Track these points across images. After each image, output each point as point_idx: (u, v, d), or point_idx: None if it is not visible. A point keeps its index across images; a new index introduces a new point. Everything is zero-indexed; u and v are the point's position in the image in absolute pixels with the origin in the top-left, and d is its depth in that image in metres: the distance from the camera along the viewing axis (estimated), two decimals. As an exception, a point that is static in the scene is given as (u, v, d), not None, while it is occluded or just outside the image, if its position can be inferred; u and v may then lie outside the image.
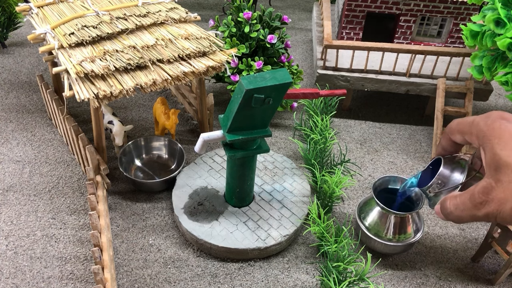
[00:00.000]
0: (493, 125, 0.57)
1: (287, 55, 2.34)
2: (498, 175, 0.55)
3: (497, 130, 0.56)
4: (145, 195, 1.94)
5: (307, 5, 3.73)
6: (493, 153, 0.55)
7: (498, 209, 0.55)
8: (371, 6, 2.44)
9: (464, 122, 0.65)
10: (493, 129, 0.57)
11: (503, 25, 1.72)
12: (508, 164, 0.54)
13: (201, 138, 1.53)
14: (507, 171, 0.54)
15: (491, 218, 0.56)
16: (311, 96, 1.76)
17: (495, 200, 0.55)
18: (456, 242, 1.83)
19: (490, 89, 2.31)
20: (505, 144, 0.54)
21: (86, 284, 1.58)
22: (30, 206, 1.85)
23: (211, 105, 2.19)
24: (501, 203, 0.54)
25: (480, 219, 0.58)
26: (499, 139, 0.55)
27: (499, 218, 0.55)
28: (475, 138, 0.61)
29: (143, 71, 1.71)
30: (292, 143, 2.28)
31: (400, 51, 2.23)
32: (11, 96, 2.46)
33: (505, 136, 0.55)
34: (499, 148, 0.55)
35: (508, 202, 0.53)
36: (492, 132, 0.57)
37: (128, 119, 2.36)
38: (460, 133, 0.66)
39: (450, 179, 0.90)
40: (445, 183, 0.89)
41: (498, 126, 0.56)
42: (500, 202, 0.54)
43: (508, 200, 0.53)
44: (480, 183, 0.58)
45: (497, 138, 0.56)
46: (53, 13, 1.90)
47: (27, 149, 2.12)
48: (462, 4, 2.38)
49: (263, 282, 1.63)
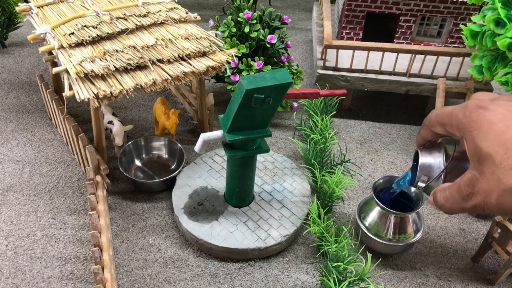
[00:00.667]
0: (471, 116, 0.56)
1: (287, 55, 2.34)
2: (481, 167, 0.54)
3: (475, 121, 0.55)
4: (145, 195, 1.94)
5: (307, 5, 3.73)
6: (474, 145, 0.55)
7: (484, 201, 0.54)
8: (371, 6, 2.44)
9: (443, 114, 0.64)
10: (471, 120, 0.56)
11: (503, 25, 1.72)
12: (489, 155, 0.53)
13: (201, 138, 1.53)
14: (489, 163, 0.53)
15: (479, 210, 0.56)
16: (311, 96, 1.76)
17: (480, 192, 0.54)
18: (456, 242, 1.83)
19: (490, 89, 2.31)
20: (485, 135, 0.53)
21: (86, 284, 1.58)
22: (30, 206, 1.85)
23: (211, 105, 2.19)
24: (486, 195, 0.54)
25: (470, 210, 0.57)
26: (478, 130, 0.55)
27: (486, 209, 0.54)
28: (455, 129, 0.60)
29: (143, 71, 1.71)
30: (292, 143, 2.28)
31: (400, 51, 2.23)
32: (11, 96, 2.46)
33: (484, 126, 0.54)
34: (479, 139, 0.54)
35: (493, 194, 0.53)
36: (471, 123, 0.56)
37: (128, 119, 2.36)
38: (441, 124, 0.65)
39: (433, 168, 0.87)
40: (430, 174, 0.88)
41: (476, 117, 0.55)
42: (485, 194, 0.54)
43: (492, 191, 0.53)
44: (466, 175, 0.58)
45: (476, 129, 0.55)
46: (53, 13, 1.90)
47: (27, 149, 2.12)
48: (462, 4, 2.38)
49: (263, 282, 1.63)
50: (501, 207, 0.52)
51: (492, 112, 0.55)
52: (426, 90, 2.34)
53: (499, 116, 0.53)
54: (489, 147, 0.53)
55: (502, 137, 0.52)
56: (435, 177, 0.86)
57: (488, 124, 0.54)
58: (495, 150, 0.53)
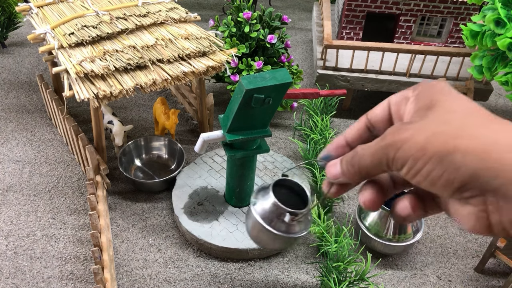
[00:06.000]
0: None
1: (287, 55, 2.34)
2: (426, 112, 0.41)
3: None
4: (145, 195, 1.94)
5: (307, 5, 3.73)
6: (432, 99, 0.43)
7: (407, 138, 0.40)
8: (371, 6, 2.44)
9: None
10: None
11: (503, 25, 1.72)
12: (446, 106, 0.41)
13: (201, 138, 1.53)
14: (440, 111, 0.41)
15: (390, 154, 0.41)
16: (311, 96, 1.76)
17: (409, 129, 0.40)
18: (456, 242, 1.83)
19: (490, 89, 2.31)
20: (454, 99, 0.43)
21: (86, 284, 1.58)
22: (30, 206, 1.85)
23: (211, 105, 2.19)
24: (415, 131, 0.40)
25: (379, 158, 0.42)
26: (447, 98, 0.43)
27: (402, 153, 0.40)
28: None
29: (143, 71, 1.71)
30: (292, 143, 2.28)
31: (400, 51, 2.23)
32: (11, 96, 2.46)
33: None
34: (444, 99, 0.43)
35: (426, 131, 0.39)
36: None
37: (128, 119, 2.36)
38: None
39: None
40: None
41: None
42: (414, 130, 0.40)
43: (426, 129, 0.39)
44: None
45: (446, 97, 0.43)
46: (53, 13, 1.90)
47: (27, 149, 2.12)
48: (462, 4, 2.38)
49: (263, 282, 1.62)
50: (427, 147, 0.38)
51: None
52: (426, 90, 2.34)
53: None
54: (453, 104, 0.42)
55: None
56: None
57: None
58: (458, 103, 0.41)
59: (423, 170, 0.38)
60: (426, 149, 0.38)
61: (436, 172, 0.38)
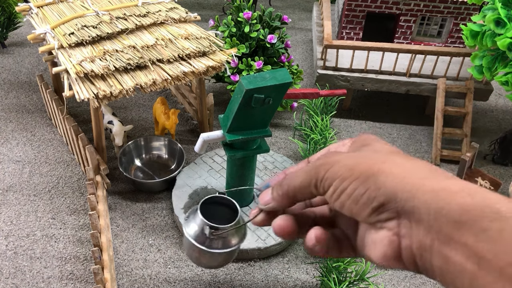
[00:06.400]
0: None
1: (287, 55, 2.34)
2: (359, 148, 0.45)
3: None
4: (145, 195, 1.94)
5: (307, 5, 3.73)
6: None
7: (338, 160, 0.41)
8: (371, 6, 2.44)
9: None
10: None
11: (503, 25, 1.72)
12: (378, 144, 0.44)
13: (201, 138, 1.53)
14: (374, 144, 0.44)
15: (321, 171, 0.42)
16: (311, 96, 1.76)
17: (342, 155, 0.42)
18: (456, 242, 1.83)
19: (490, 89, 2.31)
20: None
21: (86, 284, 1.58)
22: (30, 206, 1.85)
23: (211, 105, 2.19)
24: (342, 158, 0.42)
25: (309, 177, 0.43)
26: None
27: (328, 178, 0.41)
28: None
29: (143, 71, 1.71)
30: (292, 143, 2.28)
31: (400, 51, 2.23)
32: (11, 96, 2.46)
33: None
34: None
35: (354, 158, 0.41)
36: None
37: (128, 119, 2.36)
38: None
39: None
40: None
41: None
42: (347, 156, 0.42)
43: (355, 156, 0.42)
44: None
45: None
46: (53, 13, 1.90)
47: (27, 149, 2.12)
48: (462, 4, 2.38)
49: (263, 282, 1.62)
50: (355, 168, 0.40)
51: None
52: (426, 90, 2.34)
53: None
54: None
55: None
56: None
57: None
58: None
59: (348, 188, 0.40)
60: (354, 169, 0.40)
61: (359, 191, 0.39)
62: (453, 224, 0.34)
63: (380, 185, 0.38)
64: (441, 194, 0.36)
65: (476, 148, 1.94)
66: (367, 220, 0.40)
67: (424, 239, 0.36)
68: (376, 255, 0.40)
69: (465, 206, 0.34)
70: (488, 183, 1.93)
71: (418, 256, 0.37)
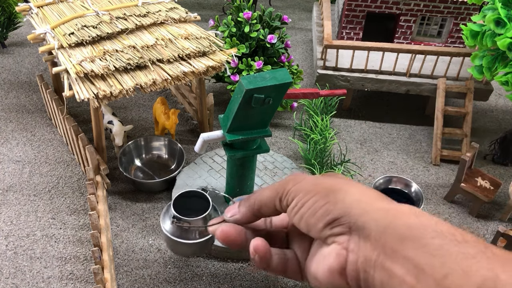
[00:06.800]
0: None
1: (287, 55, 2.33)
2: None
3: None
4: (145, 195, 1.94)
5: (307, 5, 3.73)
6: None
7: (298, 187, 0.44)
8: (371, 6, 2.44)
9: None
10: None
11: (503, 25, 1.72)
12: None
13: (201, 138, 1.53)
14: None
15: (288, 185, 0.45)
16: (311, 96, 1.76)
17: (310, 176, 0.46)
18: (456, 242, 1.83)
19: (490, 89, 2.31)
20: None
21: (86, 284, 1.58)
22: (30, 206, 1.85)
23: (211, 105, 2.19)
24: (313, 177, 0.45)
25: (276, 190, 0.46)
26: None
27: (293, 191, 0.44)
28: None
29: (143, 71, 1.71)
30: (292, 143, 2.28)
31: (400, 51, 2.23)
32: (11, 96, 2.46)
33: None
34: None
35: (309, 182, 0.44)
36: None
37: (128, 119, 2.36)
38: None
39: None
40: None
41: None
42: (314, 177, 0.45)
43: (320, 177, 0.45)
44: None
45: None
46: (53, 13, 1.90)
47: (27, 149, 2.12)
48: (462, 4, 2.38)
49: (263, 282, 1.62)
50: (319, 183, 0.43)
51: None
52: (426, 90, 2.34)
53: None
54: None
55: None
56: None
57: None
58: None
59: (309, 201, 0.43)
60: (318, 185, 0.43)
61: (319, 203, 0.42)
62: (398, 238, 0.36)
63: (338, 200, 0.41)
64: (391, 213, 0.39)
65: (476, 148, 1.94)
66: (321, 233, 0.42)
67: (370, 254, 0.38)
68: (323, 269, 0.42)
69: (410, 224, 0.37)
70: (488, 183, 1.93)
71: (362, 271, 0.38)
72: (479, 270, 0.32)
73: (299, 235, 0.48)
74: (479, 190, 1.90)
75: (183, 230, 1.42)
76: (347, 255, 0.40)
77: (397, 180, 1.68)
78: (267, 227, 0.52)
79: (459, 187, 1.92)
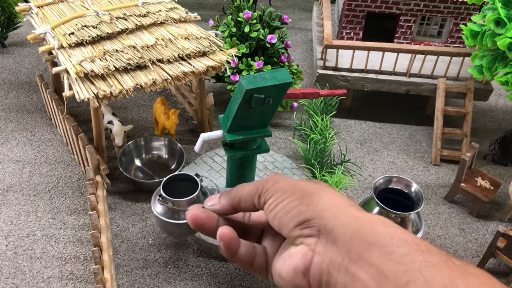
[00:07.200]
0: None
1: (287, 55, 2.34)
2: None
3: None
4: (145, 195, 1.94)
5: (307, 5, 3.73)
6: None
7: (275, 188, 0.45)
8: (371, 6, 2.44)
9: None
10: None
11: (503, 25, 1.72)
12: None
13: (201, 138, 1.53)
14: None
15: (268, 183, 0.46)
16: (311, 96, 1.76)
17: (291, 178, 0.47)
18: (456, 242, 1.83)
19: (490, 89, 2.31)
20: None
21: (86, 284, 1.58)
22: (30, 206, 1.85)
23: (211, 105, 2.19)
24: (294, 179, 0.46)
25: (256, 186, 0.47)
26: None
27: (272, 190, 0.45)
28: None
29: (143, 71, 1.71)
30: (292, 143, 2.28)
31: (400, 51, 2.23)
32: (11, 96, 2.46)
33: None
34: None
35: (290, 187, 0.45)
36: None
37: (128, 119, 2.36)
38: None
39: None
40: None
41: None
42: (294, 179, 0.47)
43: (300, 180, 0.46)
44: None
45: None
46: (53, 13, 1.90)
47: (27, 149, 2.12)
48: (462, 4, 2.38)
49: (263, 282, 1.62)
50: (297, 185, 0.44)
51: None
52: (426, 90, 2.34)
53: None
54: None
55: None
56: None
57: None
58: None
59: (284, 201, 0.44)
60: (296, 187, 0.45)
61: (293, 204, 0.43)
62: (364, 244, 0.37)
63: (312, 203, 0.42)
64: (360, 220, 0.40)
65: (476, 148, 1.94)
66: (291, 233, 0.43)
67: (335, 257, 0.39)
68: (288, 267, 0.43)
69: (378, 232, 0.38)
70: (488, 183, 1.93)
71: (326, 273, 0.39)
72: (440, 279, 0.33)
73: (273, 233, 0.49)
74: (479, 190, 1.90)
75: (171, 210, 1.51)
76: (313, 256, 0.41)
77: (397, 180, 1.67)
78: (244, 221, 0.53)
79: (459, 187, 1.92)
